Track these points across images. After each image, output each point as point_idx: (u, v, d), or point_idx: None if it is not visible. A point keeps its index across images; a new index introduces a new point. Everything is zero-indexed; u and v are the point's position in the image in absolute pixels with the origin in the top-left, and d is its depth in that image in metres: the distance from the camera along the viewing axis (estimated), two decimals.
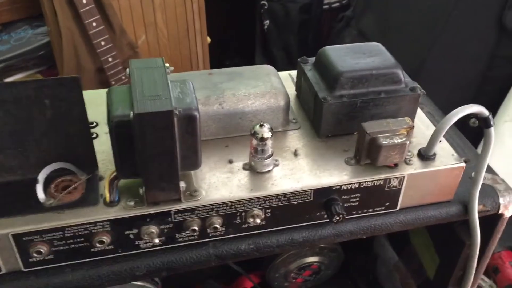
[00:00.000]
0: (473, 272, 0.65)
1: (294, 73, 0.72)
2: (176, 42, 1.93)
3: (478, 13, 1.31)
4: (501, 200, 0.62)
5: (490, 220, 0.63)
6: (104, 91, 0.65)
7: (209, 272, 0.93)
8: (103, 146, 0.57)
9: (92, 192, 0.52)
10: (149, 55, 1.85)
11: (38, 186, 0.50)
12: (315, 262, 0.83)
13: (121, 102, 0.47)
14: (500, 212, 0.62)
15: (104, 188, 0.51)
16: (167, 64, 0.51)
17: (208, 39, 2.02)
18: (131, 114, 0.45)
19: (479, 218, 0.61)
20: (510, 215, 0.63)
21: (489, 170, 0.65)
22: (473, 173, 0.63)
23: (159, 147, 0.47)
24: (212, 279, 0.90)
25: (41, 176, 0.51)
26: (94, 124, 0.61)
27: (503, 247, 1.11)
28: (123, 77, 1.66)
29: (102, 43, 1.60)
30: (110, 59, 1.63)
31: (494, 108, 1.29)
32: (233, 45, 2.33)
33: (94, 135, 0.59)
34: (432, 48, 1.36)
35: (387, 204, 0.58)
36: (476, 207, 0.60)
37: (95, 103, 0.61)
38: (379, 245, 0.95)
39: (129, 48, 1.73)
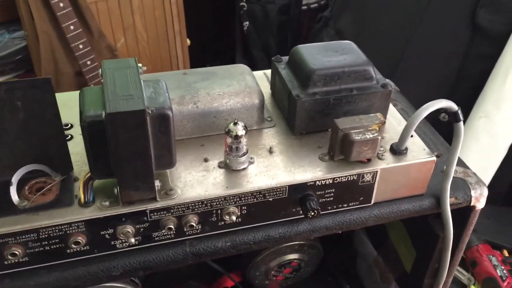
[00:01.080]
0: (447, 264, 0.67)
1: (269, 72, 0.73)
2: (156, 45, 1.93)
3: (451, 11, 1.34)
4: (472, 193, 0.63)
5: (463, 212, 0.65)
6: (76, 93, 0.65)
7: (189, 272, 0.93)
8: (77, 147, 0.57)
9: (67, 193, 0.52)
10: (128, 57, 1.84)
11: (12, 188, 0.50)
12: (295, 259, 0.84)
13: (93, 102, 0.48)
14: (472, 204, 0.63)
15: (79, 189, 0.51)
16: (140, 64, 0.52)
17: (188, 41, 2.02)
18: (103, 114, 0.45)
19: (452, 210, 0.62)
20: (481, 207, 0.64)
21: (461, 163, 0.67)
22: (444, 167, 0.64)
23: (132, 147, 0.47)
24: (193, 280, 0.90)
25: (15, 178, 0.51)
26: (69, 125, 0.61)
27: (481, 240, 1.13)
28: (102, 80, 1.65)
29: (80, 46, 1.59)
30: (88, 62, 1.62)
31: (469, 104, 1.32)
32: (213, 46, 2.33)
33: (69, 137, 0.59)
34: (407, 47, 1.38)
35: (361, 199, 0.59)
36: (447, 200, 0.61)
37: (70, 105, 0.61)
38: (358, 241, 0.97)
39: (108, 51, 1.72)
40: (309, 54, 0.61)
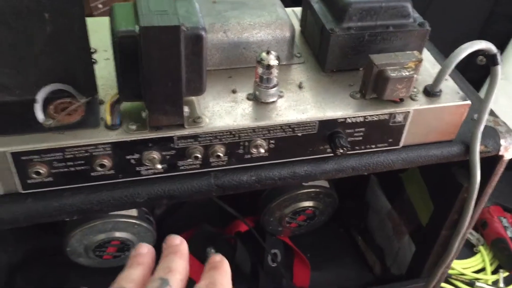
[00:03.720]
0: (469, 215, 0.66)
1: (297, 9, 0.70)
2: None
3: None
4: (502, 142, 0.61)
5: (489, 162, 0.63)
6: (100, 19, 0.63)
7: (203, 215, 0.92)
8: (102, 71, 0.55)
9: (92, 115, 0.51)
10: None
11: (37, 105, 0.49)
12: (310, 207, 0.83)
13: (125, 18, 0.45)
14: (500, 153, 0.62)
15: (105, 111, 0.50)
16: None
17: None
18: (137, 29, 0.43)
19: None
20: (510, 157, 0.63)
21: (491, 112, 0.65)
22: (475, 115, 0.62)
23: (165, 66, 0.45)
24: (207, 222, 0.90)
25: (40, 96, 0.49)
26: (93, 50, 0.59)
27: (492, 202, 1.13)
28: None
29: None
30: (100, 6, 1.58)
31: None
32: None
33: (93, 61, 0.57)
34: (431, 2, 1.34)
35: (390, 140, 0.58)
36: (478, 147, 0.59)
37: (92, 29, 0.59)
38: (371, 193, 0.96)
39: None
40: None
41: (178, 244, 0.42)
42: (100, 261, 0.79)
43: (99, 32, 0.58)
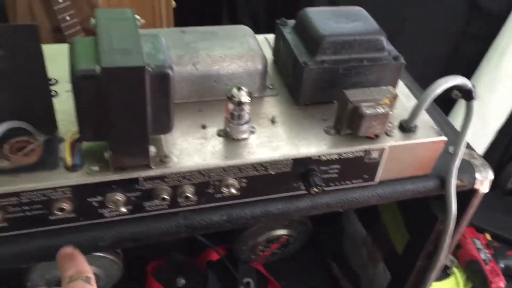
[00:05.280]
0: (445, 247, 0.65)
1: (270, 36, 0.68)
2: (140, 4, 1.84)
3: None
4: (477, 176, 0.61)
5: (464, 195, 0.62)
6: (62, 46, 0.60)
7: (173, 243, 0.89)
8: (63, 105, 0.52)
9: (51, 155, 0.47)
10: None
11: None
12: (284, 235, 0.82)
13: (85, 55, 0.42)
14: (475, 187, 0.61)
15: (65, 151, 0.47)
16: (137, 17, 0.47)
17: (173, 3, 1.94)
18: (97, 68, 0.40)
19: None
20: (485, 191, 0.62)
21: (466, 145, 0.64)
22: (450, 147, 0.62)
23: (128, 106, 0.43)
24: (177, 251, 0.86)
25: None
26: (54, 81, 0.56)
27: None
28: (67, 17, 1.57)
29: (60, 0, 1.50)
30: (67, 18, 1.53)
31: None
32: (198, 10, 2.25)
33: (54, 93, 0.54)
34: (403, 24, 1.34)
35: (366, 176, 0.56)
36: (454, 182, 0.58)
37: (54, 58, 0.55)
38: (346, 219, 0.94)
39: (88, 7, 1.63)
40: (318, 19, 0.57)
41: (71, 252, 0.47)
42: None
43: (60, 61, 0.55)
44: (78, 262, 0.45)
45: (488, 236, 1.13)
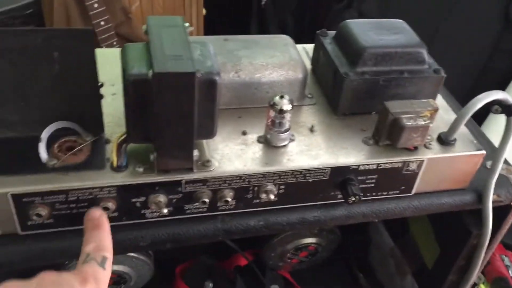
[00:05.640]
0: (479, 262, 0.64)
1: (308, 46, 0.69)
2: (171, 11, 1.87)
3: (483, 4, 1.30)
4: None
5: (500, 211, 0.62)
6: (108, 50, 0.62)
7: (201, 247, 0.90)
8: (108, 108, 0.54)
9: (98, 155, 0.49)
10: (142, 22, 1.79)
11: (41, 144, 0.47)
12: (312, 243, 0.82)
13: (137, 60, 0.44)
14: None
15: (112, 152, 0.48)
16: (187, 24, 0.48)
17: (204, 11, 1.96)
18: (150, 73, 0.42)
19: None
20: None
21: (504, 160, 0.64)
22: (487, 162, 0.61)
23: (177, 111, 0.44)
24: (205, 255, 0.87)
25: (45, 135, 0.47)
26: (99, 84, 0.57)
27: None
28: (115, 43, 1.61)
29: (95, 5, 1.53)
30: (102, 23, 1.57)
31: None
32: (228, 19, 2.27)
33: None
34: (434, 38, 1.34)
35: (402, 188, 0.56)
36: (491, 197, 0.58)
37: (100, 62, 0.57)
38: (374, 229, 0.94)
39: (122, 13, 1.66)
40: (360, 30, 0.57)
41: (98, 217, 0.45)
42: None
43: (106, 64, 0.56)
44: (101, 234, 0.44)
45: None
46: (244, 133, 0.54)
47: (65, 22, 1.54)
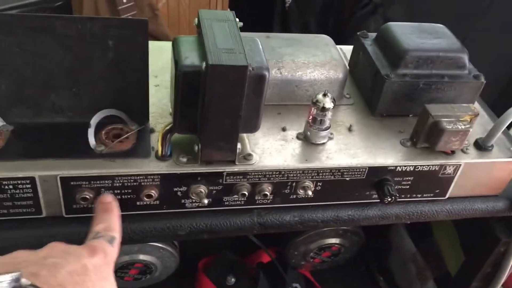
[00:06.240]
0: (507, 270, 0.65)
1: (344, 48, 0.70)
2: (196, 9, 1.89)
3: None
4: None
5: None
6: (152, 43, 0.63)
7: (225, 242, 0.91)
8: (152, 99, 0.55)
9: (143, 144, 0.50)
10: (168, 19, 1.81)
11: (90, 130, 0.48)
12: (336, 244, 0.82)
13: (189, 52, 0.45)
14: None
15: (157, 141, 0.49)
16: (237, 19, 0.49)
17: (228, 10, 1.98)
18: (203, 65, 0.43)
19: None
20: None
21: None
22: None
23: (226, 103, 0.45)
24: (228, 250, 0.88)
25: (94, 121, 0.48)
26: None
27: None
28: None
29: (124, 0, 1.55)
30: (130, 17, 1.59)
31: None
32: (251, 17, 2.29)
33: None
34: (463, 42, 1.34)
35: (437, 191, 0.57)
36: None
37: None
38: (395, 233, 0.94)
39: (149, 9, 1.68)
40: (402, 33, 0.58)
41: (110, 201, 0.46)
42: (120, 282, 0.78)
43: (150, 56, 0.58)
44: (110, 216, 0.44)
45: None
46: (284, 129, 0.55)
47: (94, 15, 1.56)
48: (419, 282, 0.88)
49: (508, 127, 0.60)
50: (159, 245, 0.74)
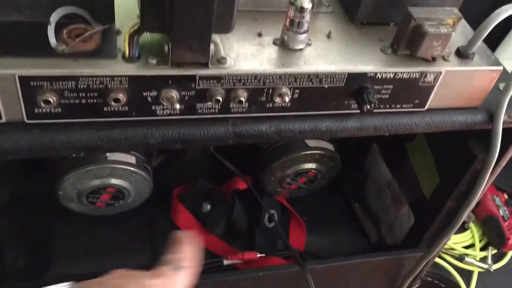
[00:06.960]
0: (482, 187, 0.65)
1: None
2: None
3: None
4: None
5: (507, 134, 0.62)
6: None
7: (200, 170, 0.90)
8: (118, 1, 0.51)
9: (109, 45, 0.46)
10: None
11: (50, 27, 0.44)
12: (312, 169, 0.81)
13: None
14: None
15: (124, 41, 0.46)
16: None
17: None
18: None
19: None
20: None
21: None
22: (500, 84, 0.60)
23: None
24: (203, 178, 0.87)
25: (53, 18, 0.44)
26: None
27: None
28: None
29: None
30: None
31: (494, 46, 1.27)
32: None
33: None
34: None
35: (416, 101, 0.56)
36: (502, 116, 0.58)
37: None
38: (372, 161, 0.94)
39: None
40: None
41: (184, 236, 0.45)
42: (92, 208, 0.76)
43: None
44: (181, 247, 0.44)
45: (506, 196, 1.13)
46: (259, 35, 0.52)
47: None
48: (394, 208, 0.88)
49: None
50: (131, 168, 0.72)
